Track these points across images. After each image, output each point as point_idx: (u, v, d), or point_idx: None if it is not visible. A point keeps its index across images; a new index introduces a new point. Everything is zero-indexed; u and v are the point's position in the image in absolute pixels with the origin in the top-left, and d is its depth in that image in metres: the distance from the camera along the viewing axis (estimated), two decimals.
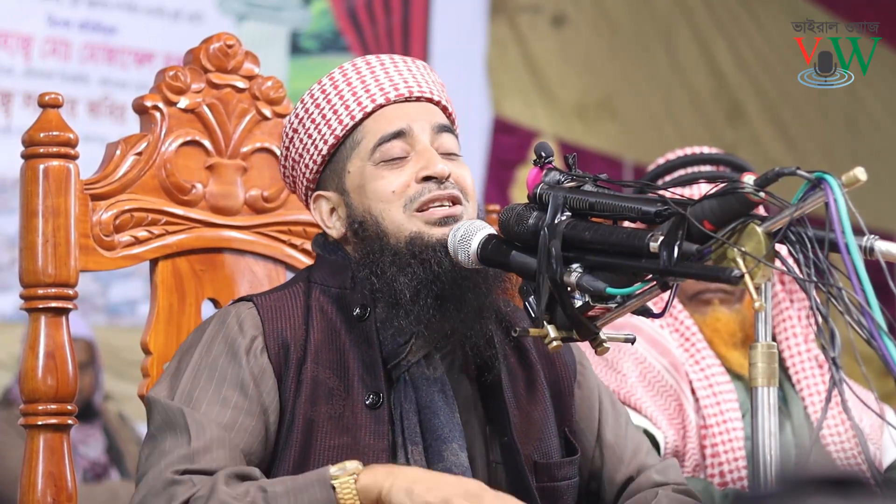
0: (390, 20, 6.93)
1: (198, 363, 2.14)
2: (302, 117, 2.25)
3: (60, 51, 6.16)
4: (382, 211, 2.18)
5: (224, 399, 2.11)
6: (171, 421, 2.09)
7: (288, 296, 2.21)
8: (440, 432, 2.14)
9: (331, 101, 2.23)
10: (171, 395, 2.13)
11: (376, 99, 2.21)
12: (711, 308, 2.91)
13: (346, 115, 2.22)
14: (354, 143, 2.22)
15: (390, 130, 2.20)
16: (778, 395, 1.90)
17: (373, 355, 2.15)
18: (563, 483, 2.23)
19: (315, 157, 2.24)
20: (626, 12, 7.50)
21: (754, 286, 1.81)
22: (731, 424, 2.79)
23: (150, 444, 2.10)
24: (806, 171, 1.81)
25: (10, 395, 5.18)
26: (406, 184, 2.17)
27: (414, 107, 2.23)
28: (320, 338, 2.16)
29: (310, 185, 2.27)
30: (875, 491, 1.33)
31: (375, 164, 2.19)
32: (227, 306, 2.24)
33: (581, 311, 1.98)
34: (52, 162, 2.30)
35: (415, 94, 2.23)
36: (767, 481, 1.84)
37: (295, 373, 2.14)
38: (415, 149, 2.20)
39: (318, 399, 2.13)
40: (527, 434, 2.21)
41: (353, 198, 2.21)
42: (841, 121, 7.76)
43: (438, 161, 2.18)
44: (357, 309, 2.18)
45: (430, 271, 2.14)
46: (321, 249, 2.28)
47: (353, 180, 2.21)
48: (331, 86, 2.24)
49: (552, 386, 2.28)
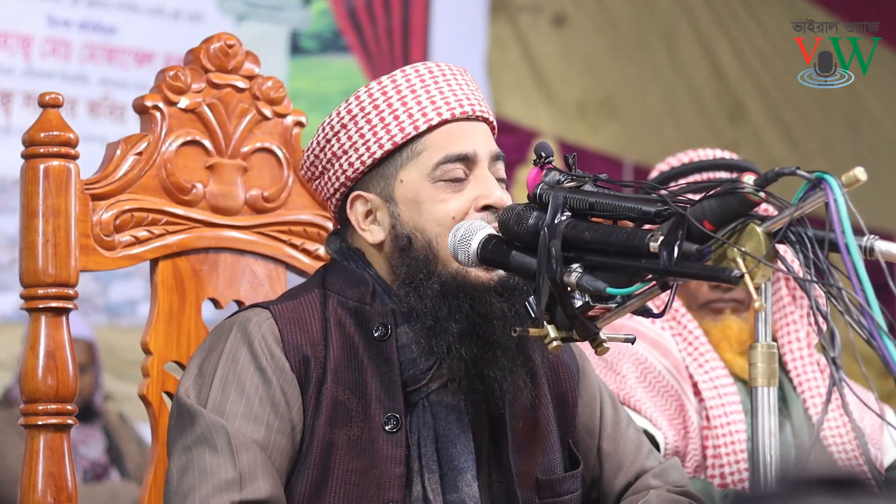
0: (390, 20, 6.93)
1: (224, 374, 2.12)
2: (355, 114, 2.20)
3: (60, 51, 6.16)
4: (438, 235, 2.14)
5: (256, 416, 2.09)
6: (209, 437, 2.07)
7: (304, 305, 2.18)
8: (456, 462, 2.13)
9: (392, 105, 2.18)
10: (200, 402, 2.11)
11: (442, 113, 2.18)
12: (723, 317, 2.90)
13: (408, 124, 2.17)
14: (414, 153, 2.18)
15: (456, 152, 2.17)
16: (778, 395, 1.90)
17: (392, 376, 2.13)
18: (566, 497, 2.22)
19: (364, 158, 2.19)
20: (626, 12, 7.50)
21: (754, 286, 1.81)
22: (734, 427, 2.79)
23: (186, 457, 2.08)
24: (806, 170, 1.81)
25: (10, 395, 5.18)
26: (465, 210, 2.15)
27: (475, 128, 2.21)
28: (339, 354, 2.14)
29: (346, 183, 2.22)
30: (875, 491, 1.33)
31: (434, 182, 2.16)
32: (244, 313, 2.21)
33: (581, 311, 1.98)
34: (53, 162, 2.30)
35: (476, 112, 2.22)
36: (767, 481, 1.84)
37: (315, 391, 2.12)
38: (474, 173, 2.17)
39: (337, 421, 2.11)
40: (529, 451, 2.20)
41: (402, 209, 2.17)
42: (841, 120, 7.76)
43: (496, 189, 2.17)
44: (379, 328, 2.15)
45: (478, 312, 2.12)
46: (339, 255, 2.25)
47: (406, 192, 2.18)
48: (393, 89, 2.19)
49: (556, 399, 2.27)
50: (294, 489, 2.11)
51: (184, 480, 2.07)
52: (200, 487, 2.04)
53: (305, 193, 2.55)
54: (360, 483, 2.07)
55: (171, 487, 2.09)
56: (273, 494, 2.06)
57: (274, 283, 2.49)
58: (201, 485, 2.04)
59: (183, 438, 2.11)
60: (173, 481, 2.09)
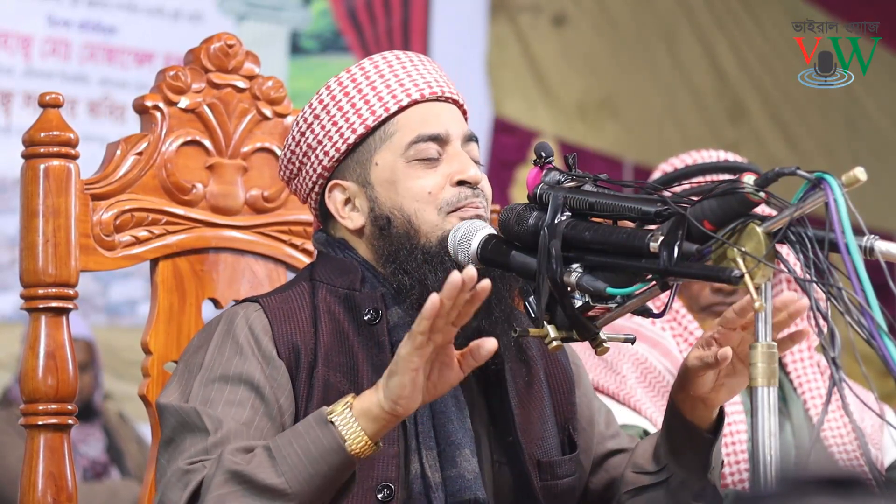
0: (390, 20, 6.93)
1: (209, 366, 2.13)
2: (327, 104, 2.23)
3: (60, 51, 6.16)
4: (417, 210, 2.17)
5: (240, 401, 2.09)
6: (186, 422, 2.08)
7: (293, 296, 2.19)
8: (453, 438, 2.14)
9: (362, 91, 2.22)
10: (183, 398, 2.11)
11: (411, 94, 2.21)
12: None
13: (379, 107, 2.21)
14: (386, 135, 2.21)
15: (428, 132, 2.20)
16: (777, 395, 1.90)
17: (384, 359, 2.13)
18: (565, 480, 2.24)
19: (338, 145, 2.22)
20: (627, 12, 7.50)
21: (754, 286, 1.81)
22: (734, 427, 2.79)
23: (169, 448, 2.09)
24: (806, 170, 1.81)
25: (10, 395, 5.18)
26: (441, 185, 2.18)
27: (445, 108, 2.24)
28: (329, 340, 2.15)
29: (323, 174, 2.24)
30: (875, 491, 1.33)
31: (408, 162, 2.19)
32: (232, 307, 2.22)
33: (581, 311, 1.98)
34: (53, 162, 2.30)
35: (445, 93, 2.24)
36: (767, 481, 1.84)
37: (306, 376, 2.13)
38: (447, 151, 2.20)
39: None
40: (529, 433, 2.22)
41: (379, 191, 2.20)
42: (841, 121, 7.76)
43: (471, 166, 2.20)
44: (369, 312, 2.17)
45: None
46: (325, 246, 2.26)
47: (382, 173, 2.20)
48: (362, 75, 2.23)
49: (551, 384, 2.28)
50: None
51: (168, 466, 2.07)
52: (175, 462, 2.05)
53: None
54: None
55: (159, 478, 2.09)
56: None
57: (274, 283, 2.49)
58: (177, 460, 2.05)
59: (163, 436, 2.12)
60: (160, 471, 2.10)
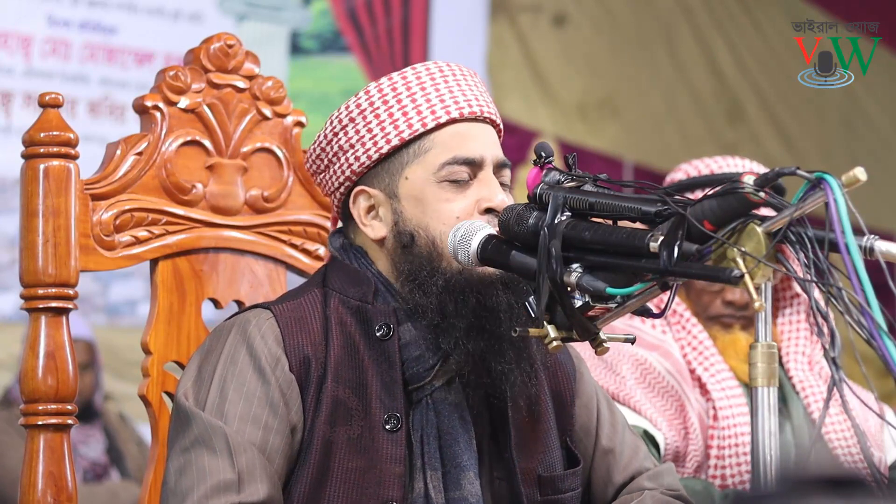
0: (390, 20, 6.93)
1: (223, 375, 2.13)
2: (364, 109, 2.20)
3: (60, 51, 6.16)
4: (442, 234, 2.15)
5: (255, 417, 2.10)
6: (206, 438, 2.08)
7: (305, 304, 2.18)
8: (459, 460, 2.13)
9: (401, 101, 2.19)
10: (198, 404, 2.11)
11: (451, 111, 2.18)
12: (732, 330, 2.89)
13: (417, 120, 2.18)
14: (420, 150, 2.18)
15: (464, 155, 2.17)
16: (777, 395, 1.90)
17: (394, 375, 2.13)
18: (567, 495, 2.23)
19: (370, 152, 2.20)
20: (627, 12, 7.50)
21: (754, 286, 1.81)
22: (739, 428, 2.79)
23: (184, 458, 2.08)
24: (806, 171, 1.81)
25: (10, 395, 5.18)
26: (469, 212, 2.16)
27: (482, 130, 2.21)
28: (340, 354, 2.14)
29: (350, 177, 2.22)
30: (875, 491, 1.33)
31: (439, 182, 2.17)
32: (245, 313, 2.21)
33: (581, 311, 1.98)
34: (53, 162, 2.30)
35: (484, 113, 2.21)
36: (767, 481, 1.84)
37: (315, 390, 2.12)
38: (478, 176, 2.18)
39: (337, 420, 2.11)
40: (530, 448, 2.20)
41: (406, 206, 2.18)
42: (838, 122, 7.76)
43: (499, 193, 2.17)
44: (381, 328, 2.16)
45: (484, 305, 2.12)
46: (341, 252, 2.25)
47: (410, 189, 2.18)
48: (403, 85, 2.20)
49: (555, 398, 2.27)
50: (294, 488, 2.11)
51: (181, 481, 2.07)
52: (198, 488, 2.05)
53: (305, 193, 2.55)
54: (359, 482, 2.07)
55: (169, 487, 2.09)
56: (271, 496, 2.07)
57: (274, 283, 2.49)
58: (199, 485, 2.05)
59: (181, 440, 2.11)
60: (171, 481, 2.09)
